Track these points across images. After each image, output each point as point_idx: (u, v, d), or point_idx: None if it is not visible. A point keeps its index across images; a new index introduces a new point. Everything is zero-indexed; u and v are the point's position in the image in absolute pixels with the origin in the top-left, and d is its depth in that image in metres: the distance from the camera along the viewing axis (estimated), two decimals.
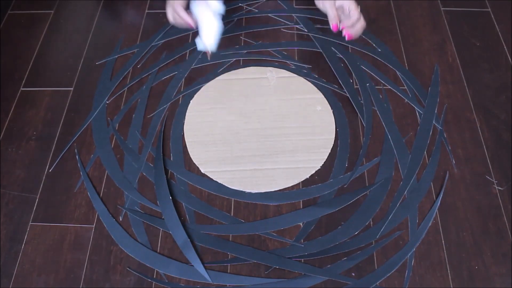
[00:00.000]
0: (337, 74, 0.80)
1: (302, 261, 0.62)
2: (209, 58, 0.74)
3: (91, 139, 0.74)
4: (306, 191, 0.67)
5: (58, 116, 0.77)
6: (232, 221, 0.65)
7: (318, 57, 0.84)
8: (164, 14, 0.91)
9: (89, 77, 0.82)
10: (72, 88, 0.81)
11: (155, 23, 0.90)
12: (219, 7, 0.73)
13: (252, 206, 0.67)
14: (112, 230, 0.65)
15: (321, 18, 0.90)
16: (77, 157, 0.72)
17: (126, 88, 0.80)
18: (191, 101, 0.78)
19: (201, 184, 0.68)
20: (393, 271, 0.60)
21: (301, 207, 0.66)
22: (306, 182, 0.68)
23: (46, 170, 0.71)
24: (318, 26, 0.88)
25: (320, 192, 0.67)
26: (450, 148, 0.71)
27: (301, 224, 0.65)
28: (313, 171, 0.69)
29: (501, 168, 0.69)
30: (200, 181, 0.69)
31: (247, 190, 0.68)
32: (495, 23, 0.88)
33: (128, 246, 0.63)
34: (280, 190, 0.68)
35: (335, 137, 0.73)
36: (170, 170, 0.70)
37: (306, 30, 0.87)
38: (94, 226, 0.65)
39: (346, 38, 0.74)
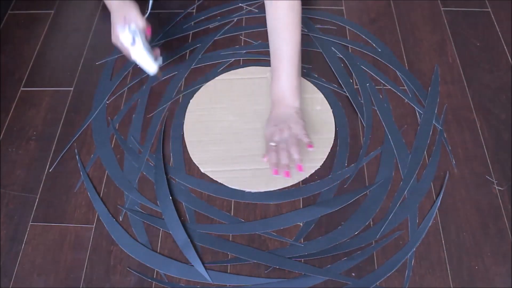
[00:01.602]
0: (337, 74, 0.80)
1: (302, 261, 0.62)
2: (160, 77, 0.71)
3: (91, 139, 0.74)
4: (307, 188, 0.67)
5: (58, 116, 0.77)
6: (232, 221, 0.65)
7: (318, 57, 0.84)
8: (164, 14, 0.92)
9: (89, 77, 0.82)
10: (72, 88, 0.81)
11: (155, 23, 0.90)
12: (138, 28, 0.66)
13: (252, 206, 0.67)
14: (112, 230, 0.65)
15: (321, 18, 0.90)
16: (77, 157, 0.72)
17: (126, 88, 0.80)
18: (190, 101, 0.78)
19: (201, 187, 0.68)
20: (393, 271, 0.60)
21: (301, 206, 0.66)
22: (305, 182, 0.68)
23: (46, 170, 0.71)
24: (318, 26, 0.88)
25: (321, 188, 0.67)
26: (450, 148, 0.71)
27: (300, 223, 0.65)
28: (313, 171, 0.69)
29: (501, 168, 0.69)
30: (200, 184, 0.69)
31: (247, 190, 0.68)
32: (495, 23, 0.88)
33: (128, 246, 0.63)
34: (280, 189, 0.68)
35: (334, 137, 0.72)
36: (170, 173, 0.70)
37: (306, 30, 0.87)
38: (94, 226, 0.65)
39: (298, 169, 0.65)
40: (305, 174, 0.69)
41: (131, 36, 0.63)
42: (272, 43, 0.69)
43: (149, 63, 0.66)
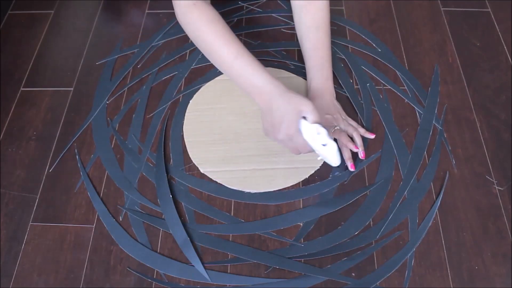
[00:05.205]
0: (337, 74, 0.80)
1: (302, 261, 0.62)
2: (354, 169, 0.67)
3: (91, 139, 0.74)
4: (306, 189, 0.67)
5: (58, 116, 0.77)
6: (232, 221, 0.65)
7: None
8: (164, 14, 0.92)
9: (89, 77, 0.82)
10: (72, 88, 0.81)
11: (155, 23, 0.90)
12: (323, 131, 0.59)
13: (252, 206, 0.67)
14: (112, 230, 0.65)
15: None
16: (77, 157, 0.72)
17: (126, 88, 0.80)
18: (190, 101, 0.78)
19: (201, 187, 0.68)
20: (393, 271, 0.60)
21: (301, 206, 0.66)
22: (305, 182, 0.68)
23: (46, 170, 0.71)
24: None
25: (320, 190, 0.67)
26: (450, 148, 0.71)
27: (301, 224, 0.65)
28: (313, 171, 0.69)
29: (501, 168, 0.69)
30: (200, 184, 0.69)
31: (247, 190, 0.68)
32: (495, 23, 0.88)
33: (128, 246, 0.63)
34: (279, 189, 0.68)
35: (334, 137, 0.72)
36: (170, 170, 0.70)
37: None
38: (94, 226, 0.65)
39: (362, 157, 0.69)
40: (305, 175, 0.69)
41: (324, 137, 0.55)
42: (314, 37, 0.73)
43: (337, 158, 0.61)
